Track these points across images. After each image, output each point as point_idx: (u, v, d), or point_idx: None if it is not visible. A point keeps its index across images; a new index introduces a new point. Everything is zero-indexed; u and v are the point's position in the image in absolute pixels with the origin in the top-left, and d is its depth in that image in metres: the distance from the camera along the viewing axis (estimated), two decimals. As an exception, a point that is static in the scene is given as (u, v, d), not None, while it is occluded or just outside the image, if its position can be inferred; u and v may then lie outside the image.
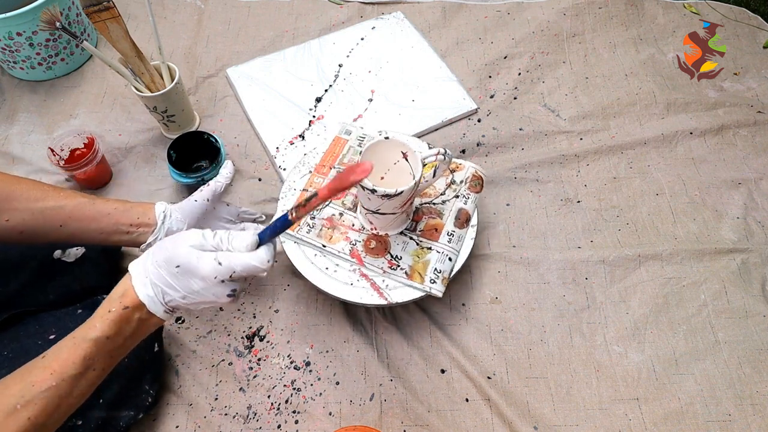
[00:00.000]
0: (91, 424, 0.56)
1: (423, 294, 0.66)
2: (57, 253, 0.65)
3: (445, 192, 0.73)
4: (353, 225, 0.70)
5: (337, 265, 0.67)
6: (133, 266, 0.45)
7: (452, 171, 0.75)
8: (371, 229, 0.69)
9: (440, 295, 0.65)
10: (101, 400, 0.58)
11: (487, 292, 0.76)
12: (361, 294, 0.65)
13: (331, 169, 0.74)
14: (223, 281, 0.43)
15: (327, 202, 0.42)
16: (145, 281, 0.44)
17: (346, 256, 0.68)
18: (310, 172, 0.74)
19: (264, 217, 0.75)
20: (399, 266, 0.67)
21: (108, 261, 0.71)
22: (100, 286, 0.68)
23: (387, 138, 0.61)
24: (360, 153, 0.61)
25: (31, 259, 0.63)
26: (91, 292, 0.67)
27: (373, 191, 0.58)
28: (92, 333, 0.43)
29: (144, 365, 0.63)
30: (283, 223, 0.45)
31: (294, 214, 0.44)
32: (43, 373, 0.41)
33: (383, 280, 0.67)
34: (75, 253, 0.66)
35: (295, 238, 0.69)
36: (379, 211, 0.63)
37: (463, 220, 0.71)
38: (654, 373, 0.70)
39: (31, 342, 0.60)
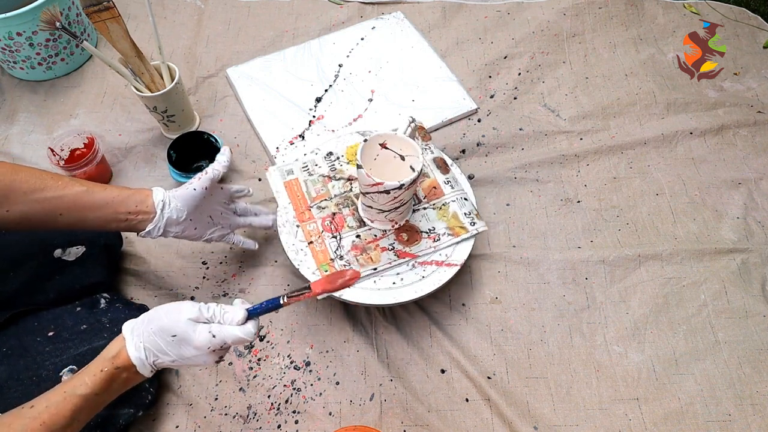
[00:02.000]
0: (90, 422, 0.56)
1: (472, 236, 0.70)
2: (57, 252, 0.65)
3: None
4: (376, 236, 0.69)
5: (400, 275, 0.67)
6: (126, 328, 0.49)
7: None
8: (392, 226, 0.70)
9: (486, 227, 0.70)
10: None
11: (487, 292, 0.76)
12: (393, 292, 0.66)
13: (309, 209, 0.71)
14: (214, 351, 0.48)
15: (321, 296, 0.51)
16: (138, 345, 0.48)
17: (397, 261, 0.67)
18: (298, 227, 0.70)
19: (251, 192, 0.73)
20: (439, 235, 0.69)
21: (108, 259, 0.71)
22: (100, 284, 0.68)
23: (366, 140, 0.62)
24: (358, 160, 0.62)
25: (31, 258, 0.63)
26: (91, 291, 0.67)
27: (401, 186, 0.59)
28: (82, 389, 0.46)
29: None
30: (274, 306, 0.50)
31: (286, 300, 0.50)
32: (33, 423, 0.44)
33: (440, 254, 0.69)
34: (75, 252, 0.66)
35: (360, 288, 0.66)
36: (401, 203, 0.64)
37: (442, 165, 0.75)
38: (654, 373, 0.70)
39: (30, 339, 0.60)
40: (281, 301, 0.50)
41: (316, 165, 0.75)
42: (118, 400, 0.59)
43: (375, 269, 0.67)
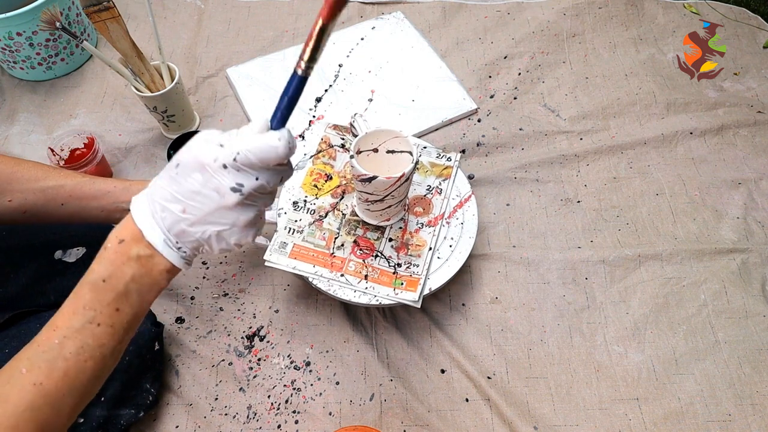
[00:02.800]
0: (92, 422, 0.57)
1: (457, 166, 0.75)
2: (58, 254, 0.65)
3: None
4: (401, 227, 0.70)
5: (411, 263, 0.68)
6: (135, 196, 0.37)
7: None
8: (403, 224, 0.71)
9: (458, 154, 0.75)
10: (102, 398, 0.58)
11: (487, 292, 0.76)
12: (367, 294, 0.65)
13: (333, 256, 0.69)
14: (225, 167, 0.34)
15: (328, 30, 0.34)
16: (143, 200, 0.36)
17: (441, 232, 0.70)
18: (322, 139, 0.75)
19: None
20: (438, 185, 0.73)
21: None
22: None
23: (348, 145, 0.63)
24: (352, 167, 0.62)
25: (32, 260, 0.63)
26: None
27: (408, 179, 0.60)
28: (88, 276, 0.36)
29: (145, 363, 0.63)
30: (296, 86, 0.36)
31: (302, 64, 0.35)
32: (47, 331, 0.36)
33: (453, 198, 0.73)
34: (76, 253, 0.66)
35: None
36: (395, 196, 0.64)
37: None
38: (654, 373, 0.70)
39: (31, 339, 0.60)
40: (298, 71, 0.35)
41: (297, 220, 0.70)
42: (119, 401, 0.59)
43: (431, 248, 0.68)
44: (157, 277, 0.37)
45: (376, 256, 0.68)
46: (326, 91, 0.96)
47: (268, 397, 0.68)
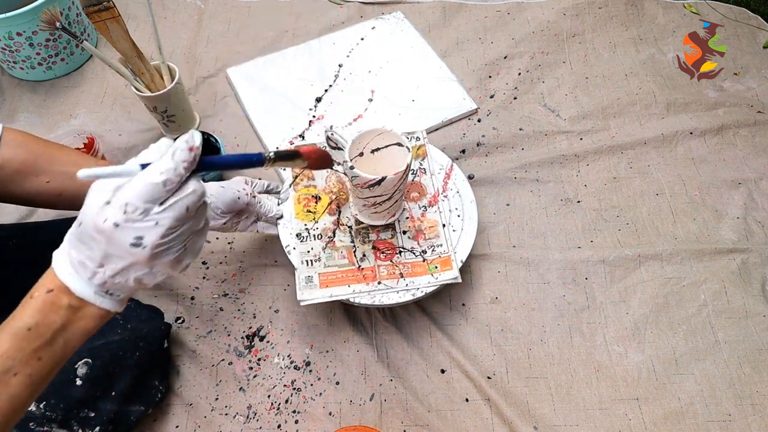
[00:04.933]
0: (103, 416, 0.57)
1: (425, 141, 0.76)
2: None
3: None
4: (407, 217, 0.70)
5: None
6: (55, 252, 0.36)
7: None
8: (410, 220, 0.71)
9: (426, 137, 0.77)
10: (114, 393, 0.58)
11: (487, 292, 0.76)
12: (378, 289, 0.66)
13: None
14: (117, 225, 0.32)
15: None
16: (63, 257, 0.35)
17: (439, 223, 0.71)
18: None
19: (282, 193, 0.73)
20: (422, 167, 0.74)
21: None
22: None
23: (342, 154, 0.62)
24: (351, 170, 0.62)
25: (45, 259, 0.63)
26: None
27: (410, 168, 0.61)
28: (11, 324, 0.34)
29: (154, 360, 0.64)
30: (249, 160, 0.37)
31: (271, 156, 0.37)
32: None
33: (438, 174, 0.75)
34: None
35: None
36: (401, 188, 0.64)
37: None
38: (654, 373, 0.70)
39: None
40: (264, 156, 0.36)
41: (309, 251, 0.69)
42: (130, 397, 0.60)
43: (443, 225, 0.70)
44: (89, 324, 0.36)
45: (400, 252, 0.69)
46: (326, 91, 0.96)
47: (268, 397, 0.68)
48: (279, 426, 0.67)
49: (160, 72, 0.83)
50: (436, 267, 0.67)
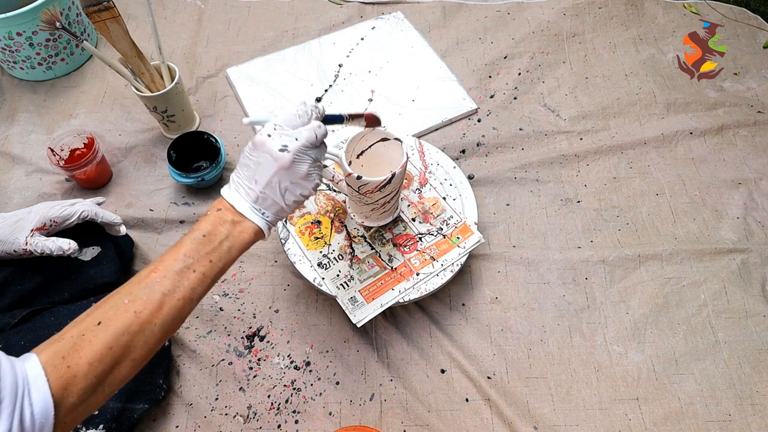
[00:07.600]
0: (107, 414, 0.57)
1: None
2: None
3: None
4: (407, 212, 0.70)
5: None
6: (222, 188, 0.49)
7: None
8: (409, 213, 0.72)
9: (408, 140, 0.79)
10: (117, 391, 0.58)
11: (487, 292, 0.76)
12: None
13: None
14: (270, 136, 0.46)
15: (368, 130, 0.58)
16: (229, 185, 0.48)
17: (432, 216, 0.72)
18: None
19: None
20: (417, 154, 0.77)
21: (121, 259, 0.72)
22: (112, 285, 0.68)
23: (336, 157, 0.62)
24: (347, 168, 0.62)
25: (48, 258, 0.63)
26: (102, 291, 0.67)
27: (401, 173, 0.61)
28: (190, 233, 0.45)
29: (157, 357, 0.64)
30: (338, 119, 0.52)
31: (349, 117, 0.53)
32: (147, 272, 0.43)
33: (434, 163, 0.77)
34: (92, 252, 0.68)
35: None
36: (391, 194, 0.64)
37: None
38: (654, 373, 0.70)
39: (46, 333, 0.60)
40: (344, 116, 0.53)
41: (338, 274, 0.70)
42: (133, 394, 0.61)
43: (443, 197, 0.72)
44: (245, 238, 0.46)
45: (420, 238, 0.70)
46: (326, 91, 0.96)
47: (268, 397, 0.68)
48: (279, 426, 0.67)
49: (160, 72, 0.83)
50: (458, 237, 0.70)
